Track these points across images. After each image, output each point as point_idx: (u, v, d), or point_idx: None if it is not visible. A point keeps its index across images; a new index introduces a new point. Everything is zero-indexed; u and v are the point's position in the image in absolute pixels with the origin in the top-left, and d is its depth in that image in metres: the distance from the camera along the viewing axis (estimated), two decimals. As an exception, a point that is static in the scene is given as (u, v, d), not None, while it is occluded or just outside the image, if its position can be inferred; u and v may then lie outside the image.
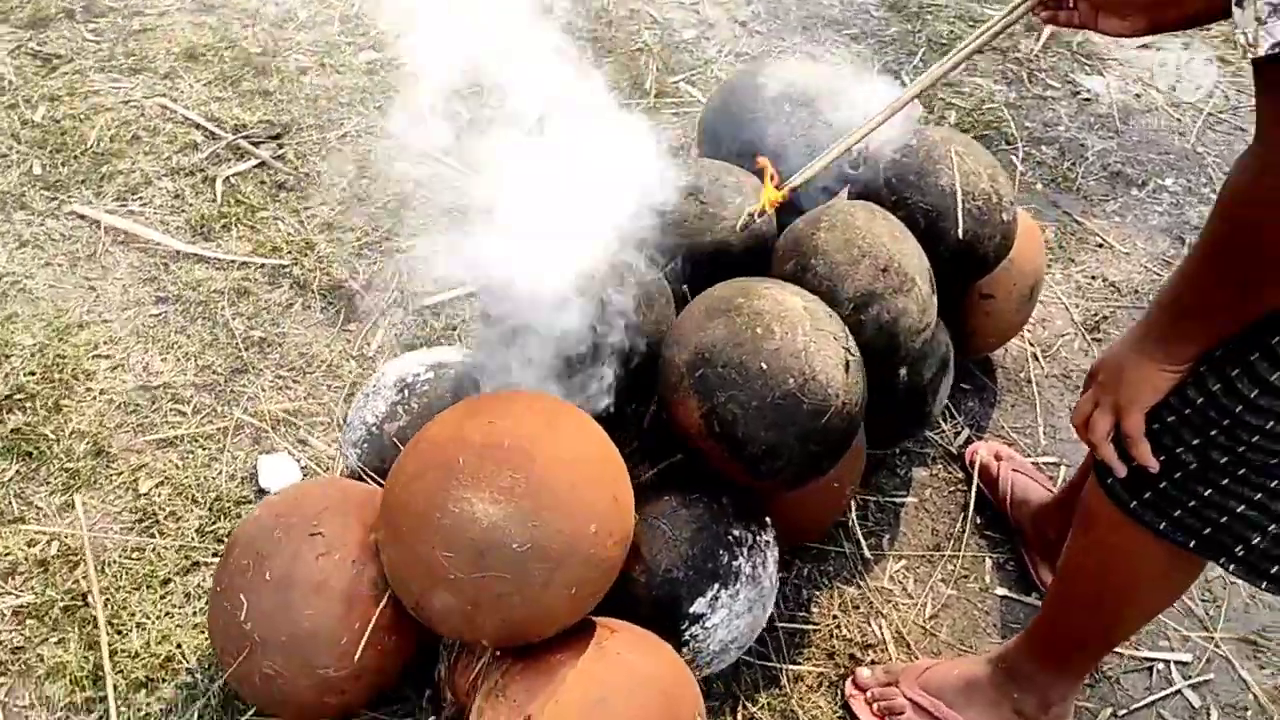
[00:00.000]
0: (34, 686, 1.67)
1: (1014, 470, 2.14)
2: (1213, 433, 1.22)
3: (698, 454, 1.66)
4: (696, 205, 1.89)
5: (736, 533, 1.65)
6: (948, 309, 2.20)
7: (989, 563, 2.06)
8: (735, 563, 1.63)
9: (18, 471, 1.89)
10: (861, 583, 2.00)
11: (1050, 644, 1.69)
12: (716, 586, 1.61)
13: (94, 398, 2.01)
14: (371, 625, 1.47)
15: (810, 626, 1.92)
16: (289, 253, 2.32)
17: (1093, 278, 2.63)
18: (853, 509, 2.09)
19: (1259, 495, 1.23)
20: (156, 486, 1.90)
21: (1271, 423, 1.16)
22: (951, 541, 2.08)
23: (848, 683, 1.83)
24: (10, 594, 1.75)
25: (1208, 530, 1.30)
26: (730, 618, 1.63)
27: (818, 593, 1.97)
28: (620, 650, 1.45)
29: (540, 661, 1.45)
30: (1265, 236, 1.03)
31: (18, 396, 1.98)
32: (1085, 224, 2.78)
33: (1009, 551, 2.08)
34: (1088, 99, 3.25)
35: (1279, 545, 1.26)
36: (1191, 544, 1.33)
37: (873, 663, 1.87)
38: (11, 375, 2.01)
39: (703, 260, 1.88)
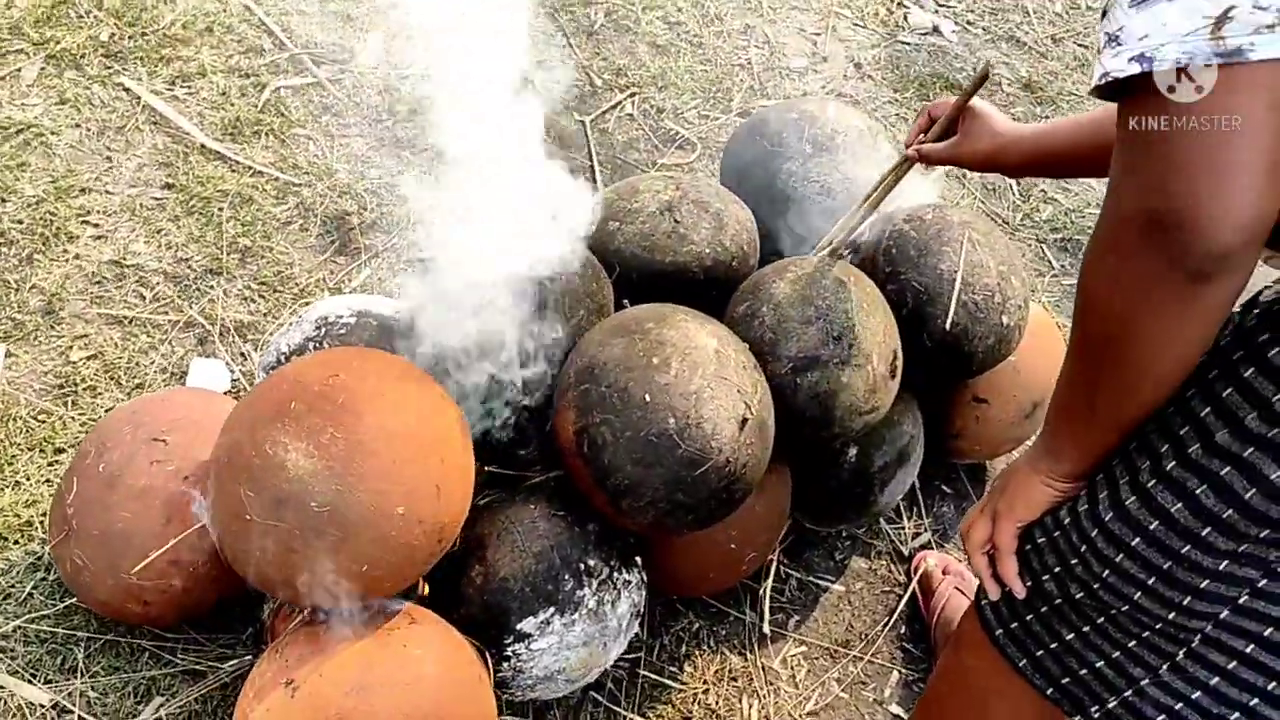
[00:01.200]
0: (-102, 514, 1.71)
1: (956, 589, 1.98)
2: (1073, 561, 1.08)
3: (568, 471, 1.57)
4: (669, 222, 1.80)
5: (591, 563, 1.56)
6: (931, 402, 2.05)
7: (895, 676, 1.90)
8: (580, 592, 1.54)
9: (-31, 310, 1.95)
10: (750, 656, 1.88)
11: None
12: (551, 610, 1.52)
13: (67, 260, 2.04)
14: (176, 541, 1.44)
15: (676, 684, 1.81)
16: (307, 173, 2.32)
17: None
18: (770, 577, 1.96)
19: (1116, 653, 1.09)
20: (88, 359, 1.92)
21: (1122, 556, 1.01)
22: (863, 643, 1.94)
23: None
24: (-87, 422, 1.80)
25: (1066, 679, 1.16)
26: (560, 646, 1.53)
27: (698, 652, 1.86)
28: (408, 643, 1.38)
29: (328, 631, 1.39)
30: (1092, 308, 0.92)
31: (-3, 240, 2.05)
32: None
33: (924, 672, 1.93)
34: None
35: (1132, 714, 1.11)
36: (1049, 690, 1.19)
37: (726, 741, 1.76)
38: (1, 218, 2.07)
39: (662, 280, 1.79)
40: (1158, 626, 1.04)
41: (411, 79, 2.57)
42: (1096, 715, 1.15)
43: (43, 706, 1.55)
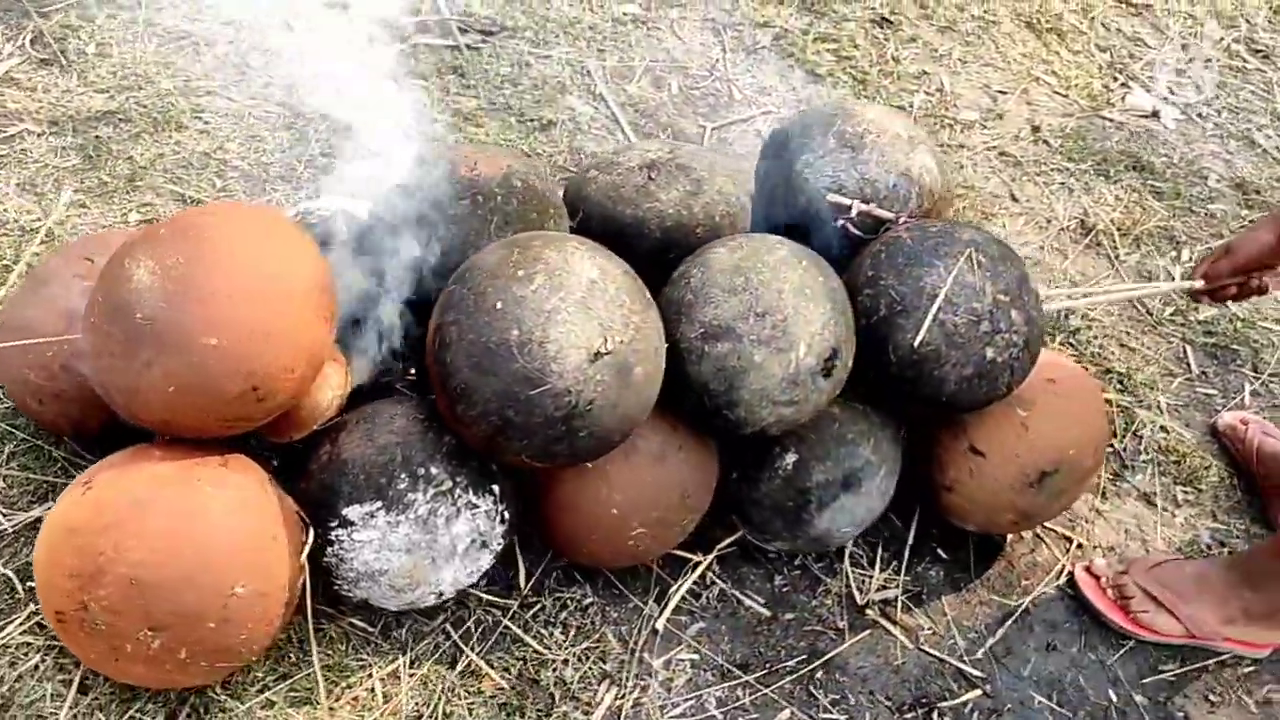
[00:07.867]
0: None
1: (1263, 433, 2.23)
2: None
3: (426, 371, 1.56)
4: (643, 178, 1.76)
5: (433, 470, 1.53)
6: (918, 442, 1.86)
7: (785, 716, 1.71)
8: (411, 495, 1.51)
9: (74, 167, 2.21)
10: (632, 645, 1.75)
11: None
12: (378, 504, 1.51)
13: (167, 144, 2.28)
14: (59, 339, 1.55)
15: (538, 647, 1.71)
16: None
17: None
18: (689, 577, 1.82)
19: None
20: (140, 223, 2.13)
21: None
22: (764, 672, 1.77)
23: (1079, 567, 1.98)
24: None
25: None
26: (381, 546, 1.52)
27: (578, 625, 1.76)
28: (204, 479, 1.41)
29: (140, 452, 1.46)
30: None
31: (119, 117, 2.31)
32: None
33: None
34: None
35: None
36: None
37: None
38: (130, 100, 2.34)
39: (621, 233, 1.75)
40: None
41: (555, 61, 2.68)
42: None
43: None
